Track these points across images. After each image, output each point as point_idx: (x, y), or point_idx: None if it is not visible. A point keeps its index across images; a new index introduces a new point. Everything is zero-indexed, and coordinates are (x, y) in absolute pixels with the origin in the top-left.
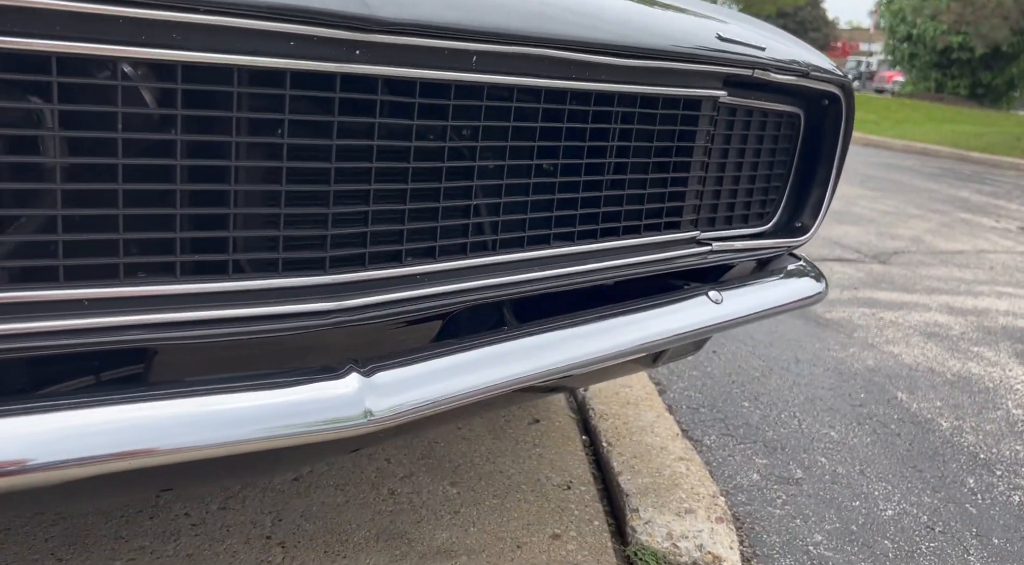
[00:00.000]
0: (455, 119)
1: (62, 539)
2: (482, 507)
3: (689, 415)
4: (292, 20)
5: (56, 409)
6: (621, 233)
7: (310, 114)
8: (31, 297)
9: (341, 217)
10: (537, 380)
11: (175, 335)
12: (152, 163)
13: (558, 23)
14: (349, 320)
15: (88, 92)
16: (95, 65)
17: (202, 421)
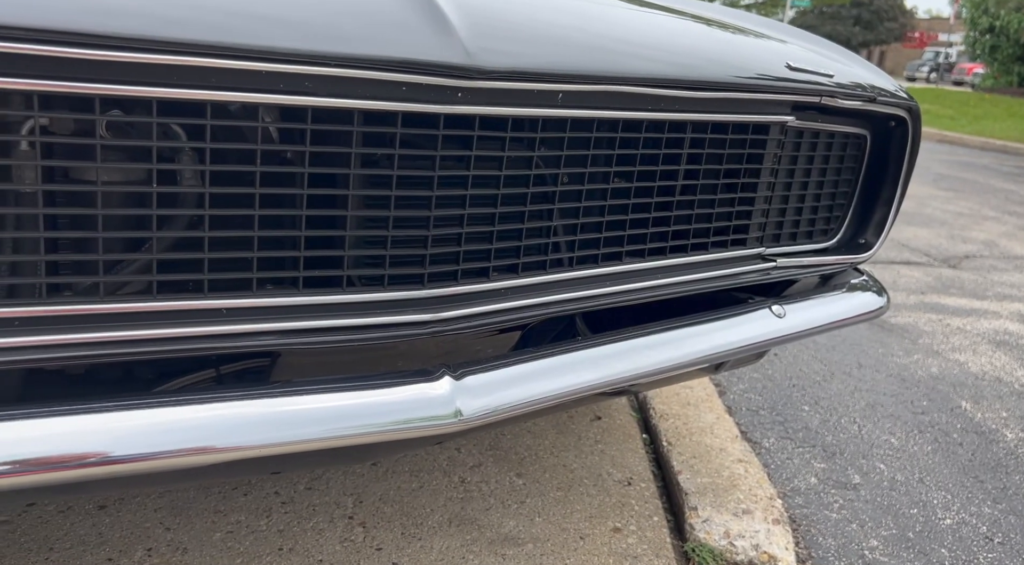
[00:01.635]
0: (541, 149)
1: (168, 510)
2: (547, 498)
3: (749, 417)
4: (406, 71)
5: (207, 401)
6: (689, 250)
7: (416, 149)
8: (180, 306)
9: (439, 238)
10: (609, 386)
11: (297, 341)
12: (282, 192)
13: (637, 61)
14: (444, 330)
15: (234, 133)
16: (240, 109)
17: (318, 417)
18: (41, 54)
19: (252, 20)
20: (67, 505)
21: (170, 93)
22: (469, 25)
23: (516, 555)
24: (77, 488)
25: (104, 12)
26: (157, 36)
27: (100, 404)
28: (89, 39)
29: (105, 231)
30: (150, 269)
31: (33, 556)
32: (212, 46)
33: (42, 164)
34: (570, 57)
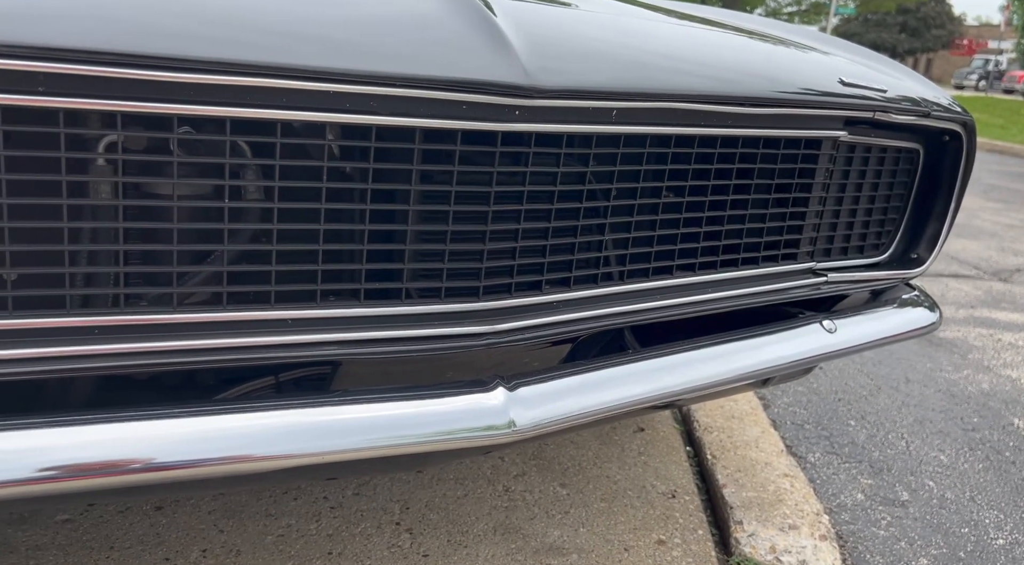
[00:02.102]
0: (594, 164)
1: (222, 512)
2: (591, 509)
3: (794, 431)
4: (468, 90)
5: (269, 409)
6: (740, 264)
7: (473, 165)
8: (248, 317)
9: (494, 252)
10: (659, 400)
11: (358, 351)
12: (346, 208)
13: (690, 77)
14: (498, 342)
15: (300, 150)
16: (306, 128)
17: (375, 426)
18: (121, 76)
19: (322, 44)
20: (125, 506)
21: (243, 113)
22: (528, 45)
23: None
24: (143, 490)
25: (179, 37)
26: (232, 59)
27: (165, 411)
28: (168, 62)
29: (180, 244)
30: (221, 281)
31: (95, 554)
32: (285, 68)
33: (122, 180)
34: (624, 75)
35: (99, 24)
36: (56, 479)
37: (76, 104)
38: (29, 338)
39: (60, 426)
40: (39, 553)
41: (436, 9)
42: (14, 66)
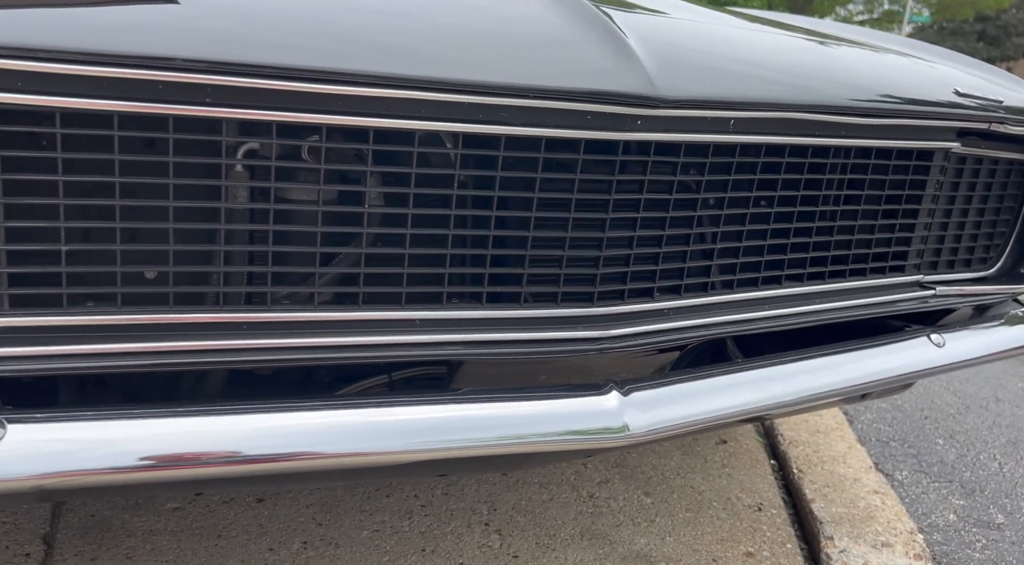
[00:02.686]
0: (710, 174)
1: (319, 507)
2: (676, 519)
3: (879, 448)
4: (596, 101)
5: (394, 405)
6: (848, 275)
7: (595, 174)
8: (381, 317)
9: (609, 258)
10: (767, 409)
11: (478, 352)
12: (472, 214)
13: (805, 89)
14: (612, 347)
15: (432, 159)
16: (440, 138)
17: (491, 424)
18: (266, 87)
19: (460, 59)
20: (230, 497)
21: (385, 123)
22: (653, 57)
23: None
24: (269, 480)
25: (323, 53)
26: (381, 72)
27: (290, 404)
28: (315, 74)
29: (323, 246)
30: (358, 282)
31: (205, 540)
32: (426, 81)
33: (257, 185)
34: (743, 85)
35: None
36: (177, 467)
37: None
38: (179, 332)
39: (183, 416)
40: (154, 538)
41: (564, 24)
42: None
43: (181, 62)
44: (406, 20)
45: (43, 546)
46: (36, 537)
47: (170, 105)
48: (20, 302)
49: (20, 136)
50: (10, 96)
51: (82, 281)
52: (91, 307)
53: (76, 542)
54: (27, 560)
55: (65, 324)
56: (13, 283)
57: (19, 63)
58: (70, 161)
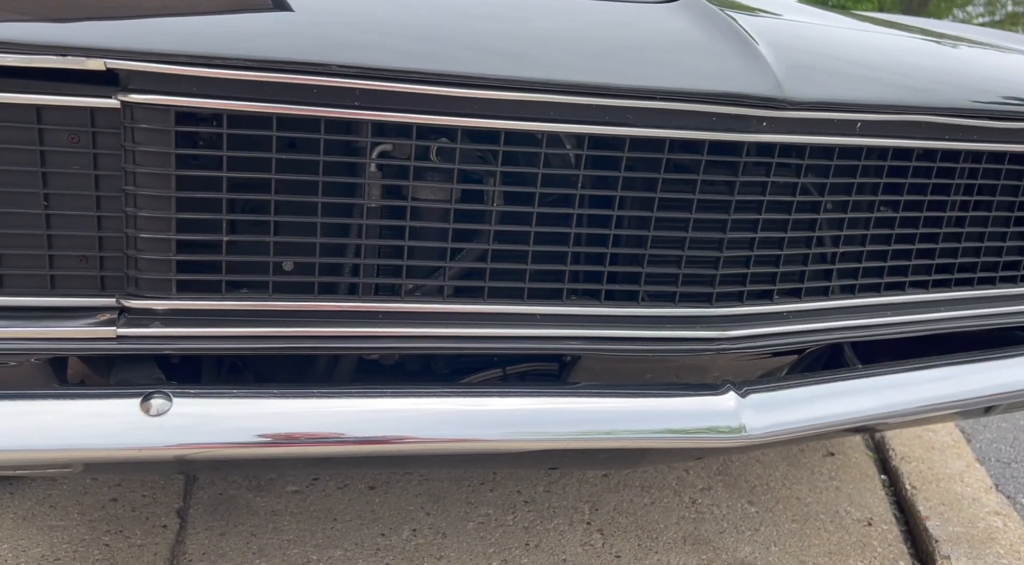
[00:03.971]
0: (834, 177)
1: (428, 497)
2: (781, 529)
3: (999, 469)
4: (723, 103)
5: (517, 396)
6: (975, 284)
7: (718, 175)
8: (504, 310)
9: (728, 259)
10: (885, 418)
11: (596, 347)
12: (596, 213)
13: (935, 91)
14: (729, 348)
15: (559, 160)
16: (569, 139)
17: (609, 418)
18: (403, 91)
19: (596, 63)
20: (344, 482)
21: (517, 125)
22: (780, 59)
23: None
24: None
25: (459, 59)
26: (509, 76)
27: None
28: (450, 79)
29: (454, 242)
30: (484, 276)
31: (322, 523)
32: (556, 84)
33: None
34: (871, 87)
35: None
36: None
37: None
38: (320, 319)
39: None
40: (275, 517)
41: (692, 28)
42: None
43: (336, 68)
44: (540, 25)
45: (178, 519)
46: (171, 510)
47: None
48: (186, 287)
49: (192, 136)
50: (185, 100)
51: (238, 270)
52: (245, 294)
53: (206, 518)
54: (164, 531)
55: (223, 308)
56: (180, 270)
57: (203, 71)
58: (232, 159)
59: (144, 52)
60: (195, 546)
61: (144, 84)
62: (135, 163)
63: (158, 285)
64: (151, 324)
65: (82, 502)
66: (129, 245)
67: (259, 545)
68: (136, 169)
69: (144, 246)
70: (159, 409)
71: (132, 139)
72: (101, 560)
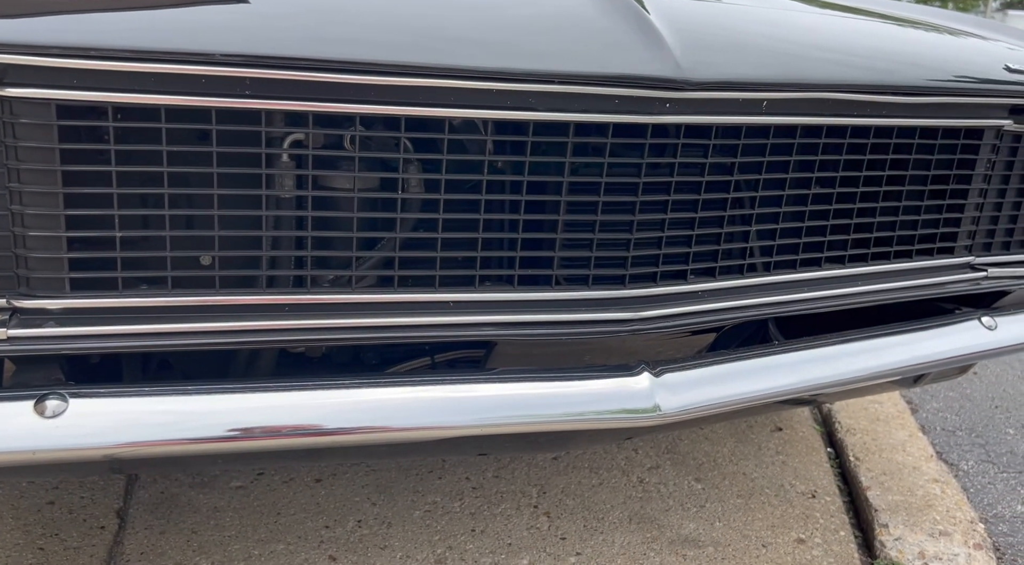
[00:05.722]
0: (743, 156)
1: (374, 487)
2: (727, 505)
3: (944, 437)
4: (623, 85)
5: (432, 384)
6: (892, 257)
7: (622, 157)
8: (416, 298)
9: (640, 241)
10: (806, 392)
11: (510, 333)
12: (502, 199)
13: (841, 67)
14: (643, 329)
15: (462, 146)
16: (465, 125)
17: (526, 403)
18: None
19: (488, 46)
20: (290, 476)
21: (416, 112)
22: (680, 40)
23: (697, 557)
24: (314, 455)
25: (357, 44)
26: (413, 62)
27: (336, 382)
28: (348, 66)
29: (360, 231)
30: (393, 265)
31: (265, 517)
32: (456, 69)
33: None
34: (775, 65)
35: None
36: (243, 439)
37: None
38: (226, 313)
39: (248, 392)
40: (218, 514)
41: (590, 8)
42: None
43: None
44: (431, 9)
45: (117, 520)
46: (111, 511)
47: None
48: (80, 285)
49: (77, 130)
50: (66, 93)
51: (135, 266)
52: (144, 290)
53: (146, 516)
54: (102, 532)
55: (120, 305)
56: (73, 267)
57: (83, 63)
58: (120, 153)
59: (19, 44)
60: (134, 546)
61: (22, 77)
62: (18, 159)
63: (50, 284)
64: (45, 324)
65: (17, 506)
66: (18, 244)
67: (200, 542)
68: (20, 165)
69: (33, 244)
70: (54, 411)
71: (13, 134)
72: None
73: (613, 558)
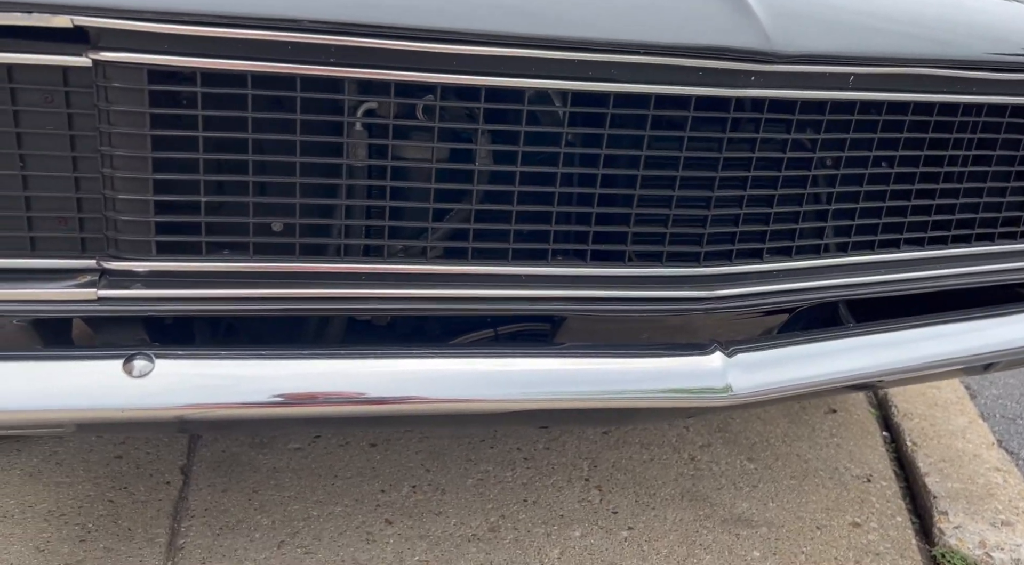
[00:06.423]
0: (827, 132)
1: (427, 454)
2: (780, 485)
3: (1004, 425)
4: (707, 57)
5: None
6: (973, 240)
7: (703, 131)
8: (488, 271)
9: (717, 218)
10: (876, 377)
11: (582, 308)
12: (578, 172)
13: (934, 43)
14: (717, 307)
15: (542, 118)
16: (547, 96)
17: (596, 379)
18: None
19: (571, 16)
20: (346, 440)
21: (495, 82)
22: (769, 10)
23: (750, 536)
24: (384, 421)
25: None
26: (490, 30)
27: (405, 351)
28: (431, 34)
29: (437, 202)
30: (467, 236)
31: (323, 480)
32: (535, 38)
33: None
34: (864, 39)
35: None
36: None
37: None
38: (303, 280)
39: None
40: (277, 474)
41: None
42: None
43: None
44: None
45: (181, 476)
46: (175, 467)
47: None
48: (166, 248)
49: (165, 95)
50: (157, 58)
51: (219, 230)
52: (227, 255)
53: (209, 474)
54: (168, 487)
55: (204, 270)
56: (160, 231)
57: (174, 28)
58: (208, 118)
59: (113, 8)
60: (198, 502)
61: (115, 42)
62: (110, 123)
63: (138, 247)
64: (132, 286)
65: (88, 459)
66: (107, 207)
67: (260, 501)
68: (111, 129)
69: (122, 207)
70: (141, 371)
71: (105, 99)
72: (105, 516)
73: (665, 534)
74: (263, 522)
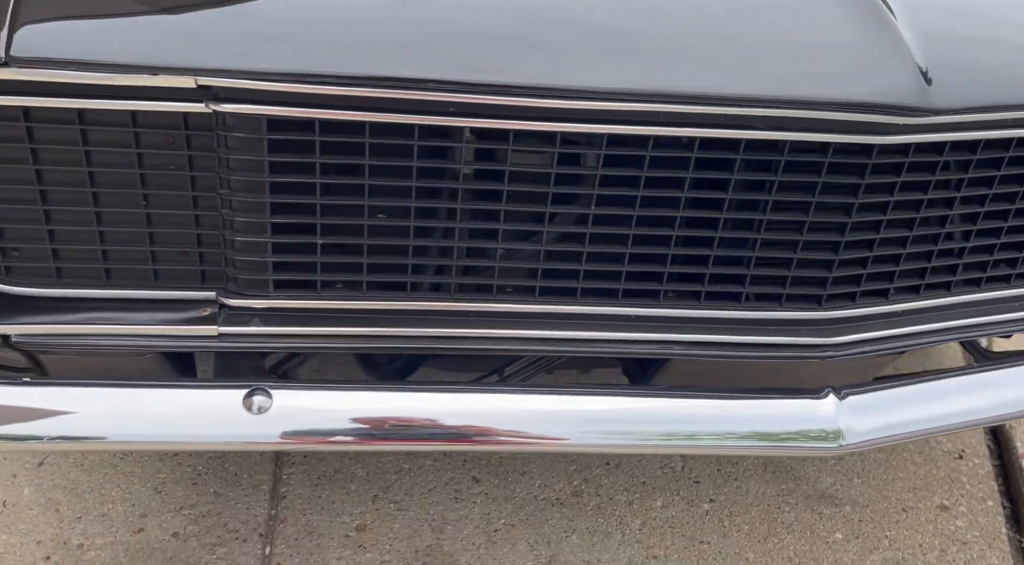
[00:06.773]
0: (975, 170)
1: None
2: (866, 460)
3: None
4: (855, 111)
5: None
6: None
7: (837, 177)
8: (597, 312)
9: (845, 262)
10: (1003, 419)
11: (695, 353)
12: (702, 216)
13: None
14: (836, 355)
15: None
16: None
17: (705, 419)
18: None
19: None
20: None
21: (619, 130)
22: (926, 49)
23: (833, 515)
24: None
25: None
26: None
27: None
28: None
29: (549, 244)
30: (578, 277)
31: None
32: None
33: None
34: None
35: None
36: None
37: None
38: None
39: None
40: None
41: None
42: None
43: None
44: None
45: None
46: None
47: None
48: (282, 286)
49: (285, 142)
50: (276, 109)
51: (333, 270)
52: (340, 291)
53: None
54: None
55: (318, 307)
56: (276, 270)
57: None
58: (325, 165)
59: (236, 71)
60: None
61: (235, 95)
62: (229, 168)
63: (256, 284)
64: (250, 322)
65: None
66: (226, 246)
67: (355, 450)
68: (231, 176)
69: (241, 247)
70: (261, 406)
71: (225, 146)
72: (214, 457)
73: (747, 509)
74: (358, 473)
